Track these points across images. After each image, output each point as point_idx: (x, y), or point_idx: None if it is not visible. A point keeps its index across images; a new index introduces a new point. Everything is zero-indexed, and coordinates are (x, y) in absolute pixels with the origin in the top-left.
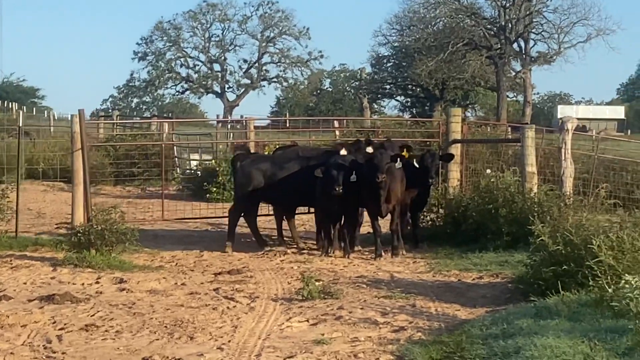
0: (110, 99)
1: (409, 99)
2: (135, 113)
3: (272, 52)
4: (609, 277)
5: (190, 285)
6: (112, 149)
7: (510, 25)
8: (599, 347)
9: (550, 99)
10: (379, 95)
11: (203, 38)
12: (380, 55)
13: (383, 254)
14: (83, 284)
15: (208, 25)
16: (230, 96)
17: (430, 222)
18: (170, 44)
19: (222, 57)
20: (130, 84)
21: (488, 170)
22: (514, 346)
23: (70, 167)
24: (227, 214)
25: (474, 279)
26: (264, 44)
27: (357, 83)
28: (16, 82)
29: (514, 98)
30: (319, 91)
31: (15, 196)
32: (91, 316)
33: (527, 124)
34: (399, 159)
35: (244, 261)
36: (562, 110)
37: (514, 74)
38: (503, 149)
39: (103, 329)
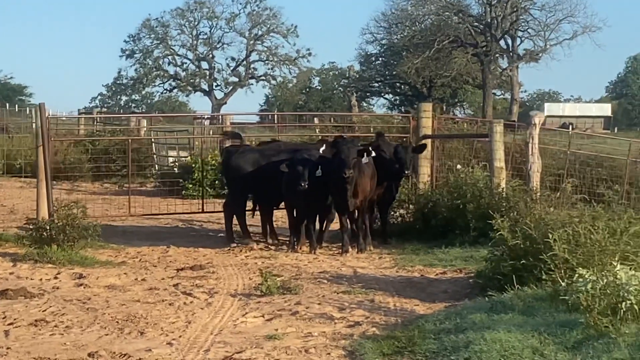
0: (99, 97)
1: (397, 97)
2: (122, 111)
3: (260, 50)
4: (562, 271)
5: (151, 281)
6: (90, 145)
7: (496, 23)
8: (548, 341)
9: (540, 97)
10: (368, 94)
11: (191, 36)
12: (368, 53)
13: (350, 249)
14: (41, 279)
15: (196, 23)
16: (219, 94)
17: (400, 218)
18: (158, 42)
19: (210, 55)
20: (118, 82)
21: (459, 166)
22: (464, 340)
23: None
24: (197, 211)
25: (437, 275)
26: (251, 42)
27: (345, 81)
28: (4, 79)
29: (502, 96)
30: (308, 89)
31: None
32: (43, 311)
33: (514, 121)
34: (365, 154)
35: (209, 257)
36: (548, 108)
37: (500, 71)
38: (479, 145)
39: (53, 324)
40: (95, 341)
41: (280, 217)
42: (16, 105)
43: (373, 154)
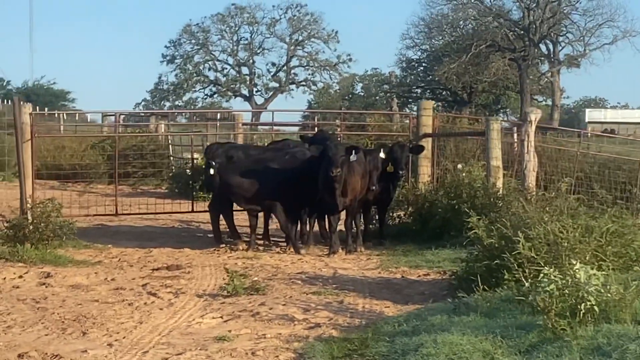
0: (143, 103)
1: (438, 103)
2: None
3: (301, 56)
4: (527, 271)
5: (120, 281)
6: (109, 148)
7: (534, 27)
8: (502, 344)
9: (585, 104)
10: (409, 99)
11: (231, 41)
12: (408, 58)
13: (339, 250)
14: (5, 278)
15: (236, 29)
16: (259, 99)
17: (397, 219)
18: (199, 47)
19: (251, 61)
20: (159, 88)
21: (459, 166)
22: (415, 343)
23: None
24: (185, 211)
25: (419, 276)
26: (292, 47)
27: (387, 87)
28: (47, 85)
29: (544, 102)
30: (350, 95)
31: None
32: None
33: (554, 128)
34: (354, 152)
35: (192, 257)
36: (590, 114)
37: (539, 76)
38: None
39: None
40: (32, 342)
41: None
42: (47, 109)
43: (360, 152)
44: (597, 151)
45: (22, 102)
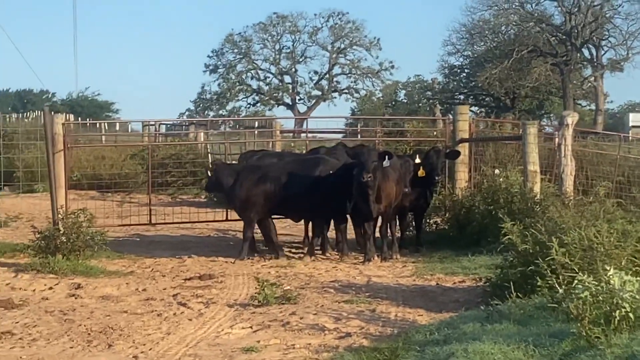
0: (187, 113)
1: (482, 109)
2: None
3: (343, 63)
4: (560, 277)
5: (151, 291)
6: (148, 157)
7: (576, 32)
8: (534, 352)
9: (630, 108)
10: (453, 106)
11: (273, 50)
12: (451, 64)
13: (375, 258)
14: (35, 290)
15: (278, 37)
16: (302, 108)
17: (434, 225)
18: (241, 56)
19: (293, 69)
20: (202, 97)
21: (496, 171)
22: (446, 353)
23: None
24: (220, 219)
25: (454, 283)
26: (334, 55)
27: (429, 93)
28: (91, 96)
29: (588, 107)
30: (393, 102)
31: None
32: (15, 323)
33: (595, 132)
34: (387, 157)
35: (225, 266)
36: (633, 118)
37: (581, 81)
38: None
39: (18, 337)
40: (56, 355)
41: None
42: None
43: (394, 158)
44: (639, 155)
45: (53, 113)
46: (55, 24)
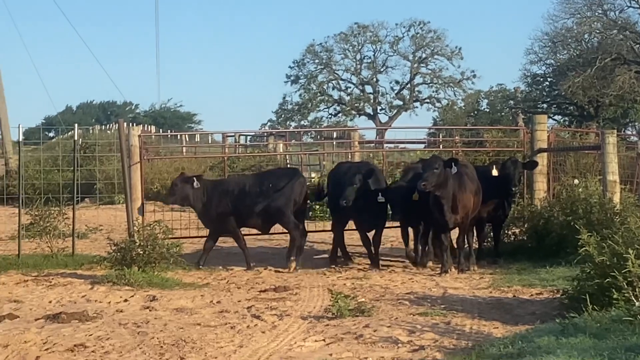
0: (269, 124)
1: (566, 118)
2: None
3: (424, 73)
4: (637, 289)
5: (225, 303)
6: (228, 169)
7: None
8: None
9: None
10: (535, 115)
11: (354, 60)
12: (534, 73)
13: (452, 269)
14: (110, 302)
15: (359, 47)
16: (383, 118)
17: (513, 237)
18: (322, 67)
19: (374, 79)
20: (284, 108)
21: (575, 181)
22: None
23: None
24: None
25: (531, 295)
26: (415, 65)
27: (512, 102)
28: (173, 107)
29: None
30: (475, 112)
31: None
32: (88, 336)
33: None
34: (453, 164)
35: (300, 278)
36: None
37: None
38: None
39: (90, 350)
40: None
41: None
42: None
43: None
44: None
45: (133, 125)
46: (138, 36)
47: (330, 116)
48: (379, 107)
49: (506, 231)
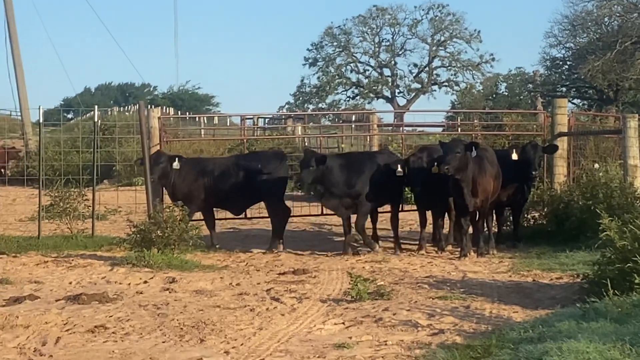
0: (287, 106)
1: (585, 102)
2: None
3: (443, 56)
4: None
5: (244, 286)
6: (246, 151)
7: None
8: (631, 352)
9: None
10: (554, 99)
11: (373, 43)
12: (553, 57)
13: (471, 253)
14: (130, 283)
15: (378, 30)
16: (401, 101)
17: (532, 221)
18: (340, 50)
19: (392, 62)
20: (302, 90)
21: (595, 165)
22: (540, 351)
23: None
24: (316, 214)
25: (551, 279)
26: (434, 48)
27: (531, 85)
28: (192, 90)
29: None
30: (494, 95)
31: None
32: (108, 317)
33: None
34: (473, 148)
35: (320, 261)
36: None
37: None
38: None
39: (111, 331)
40: (148, 349)
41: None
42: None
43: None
44: None
45: (152, 106)
46: (157, 18)
47: (348, 99)
48: (397, 90)
49: (526, 215)
